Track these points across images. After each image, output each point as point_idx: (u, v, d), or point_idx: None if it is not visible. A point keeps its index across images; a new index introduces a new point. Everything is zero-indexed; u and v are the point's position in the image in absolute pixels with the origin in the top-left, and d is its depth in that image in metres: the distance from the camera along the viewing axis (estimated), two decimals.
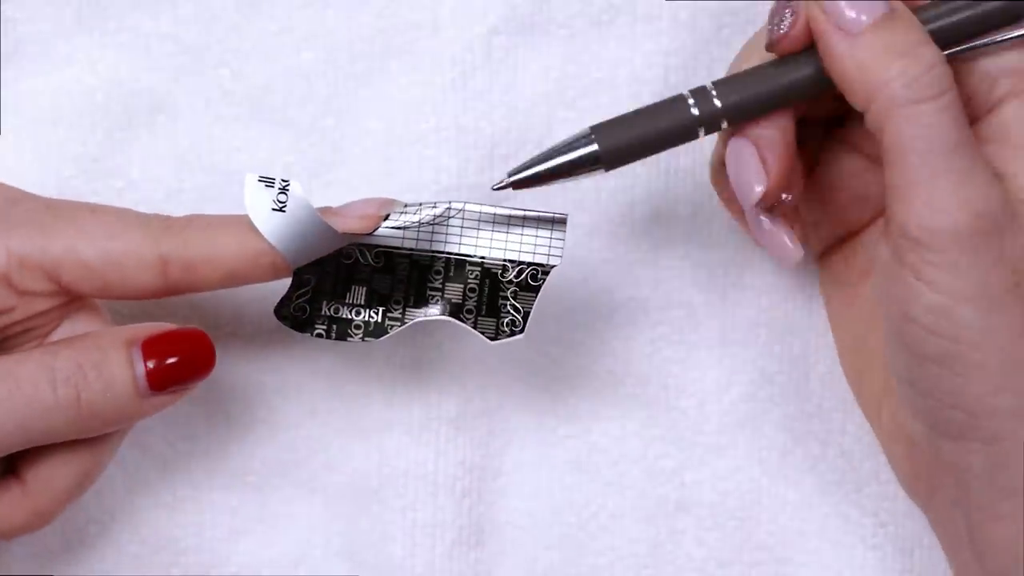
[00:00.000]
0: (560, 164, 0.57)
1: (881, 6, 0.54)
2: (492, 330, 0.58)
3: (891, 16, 0.54)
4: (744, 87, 0.56)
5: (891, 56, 0.53)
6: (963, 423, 0.54)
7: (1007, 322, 0.53)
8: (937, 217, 0.52)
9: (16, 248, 0.55)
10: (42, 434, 0.55)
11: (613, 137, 0.56)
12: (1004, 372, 0.53)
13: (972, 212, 0.52)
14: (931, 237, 0.53)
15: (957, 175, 0.53)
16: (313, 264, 0.57)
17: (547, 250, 0.58)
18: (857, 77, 0.54)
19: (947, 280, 0.53)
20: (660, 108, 0.57)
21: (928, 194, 0.53)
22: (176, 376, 0.56)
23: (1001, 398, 0.53)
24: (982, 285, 0.53)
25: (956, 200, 0.52)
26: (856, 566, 0.64)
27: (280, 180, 0.56)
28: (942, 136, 0.53)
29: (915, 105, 0.53)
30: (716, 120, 0.56)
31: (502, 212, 0.58)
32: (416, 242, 0.58)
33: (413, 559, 0.64)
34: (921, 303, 0.53)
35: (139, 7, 0.64)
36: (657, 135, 0.57)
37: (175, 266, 0.56)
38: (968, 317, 0.53)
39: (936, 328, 0.53)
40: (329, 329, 0.58)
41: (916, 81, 0.53)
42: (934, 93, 0.53)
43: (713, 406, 0.65)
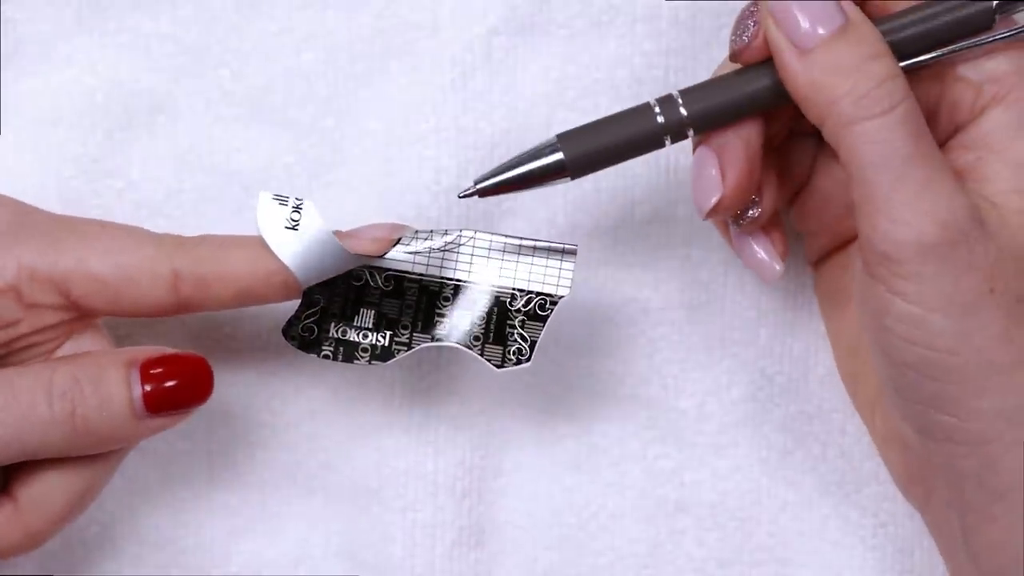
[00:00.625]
0: (526, 172, 0.57)
1: (835, 20, 0.54)
2: (498, 358, 0.58)
3: (844, 30, 0.54)
4: (710, 96, 0.56)
5: (841, 74, 0.53)
6: (949, 426, 0.54)
7: (982, 327, 0.53)
8: (900, 230, 0.53)
9: (27, 260, 0.55)
10: (35, 447, 0.55)
11: (579, 145, 0.57)
12: (983, 376, 0.53)
13: (934, 222, 0.52)
14: (896, 250, 0.53)
15: (916, 186, 0.53)
16: (323, 285, 0.57)
17: (556, 280, 0.58)
18: (809, 95, 0.54)
19: (917, 290, 0.53)
20: (626, 116, 0.57)
21: (888, 208, 0.53)
22: (173, 400, 0.56)
23: (984, 401, 0.53)
24: (953, 293, 0.53)
25: (916, 211, 0.52)
26: (856, 566, 0.64)
27: (294, 199, 0.56)
28: (896, 150, 0.53)
29: (866, 122, 0.53)
30: (682, 128, 0.56)
31: (512, 241, 0.58)
32: (426, 267, 0.58)
33: (413, 559, 0.64)
34: (894, 314, 0.53)
35: (139, 7, 0.64)
36: (623, 143, 0.57)
37: (187, 282, 0.56)
38: (941, 325, 0.53)
39: (911, 337, 0.53)
40: (336, 351, 0.58)
41: (866, 98, 0.53)
42: (885, 108, 0.53)
43: (713, 406, 0.65)
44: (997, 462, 0.54)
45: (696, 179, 0.57)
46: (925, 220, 0.52)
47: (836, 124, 0.53)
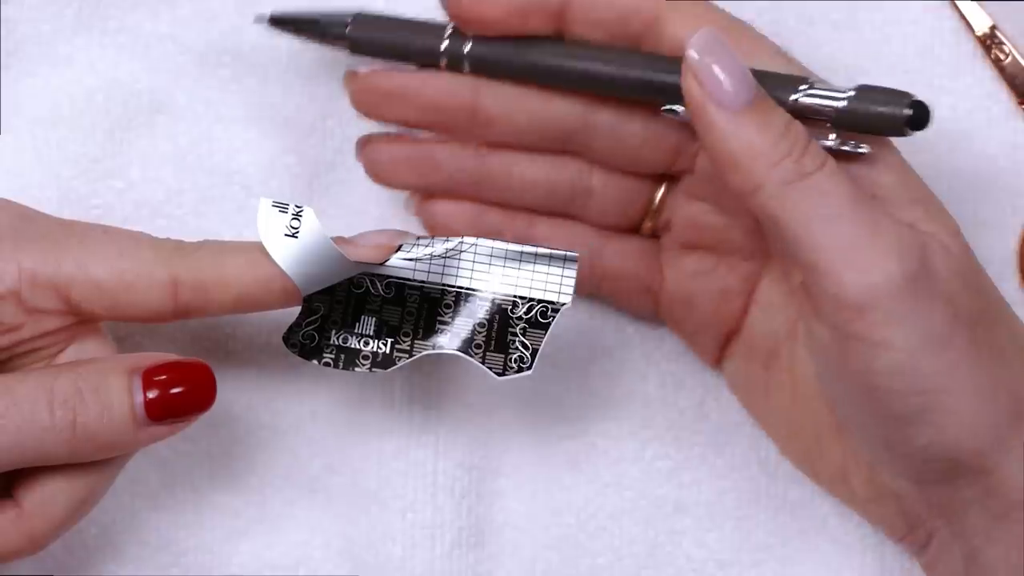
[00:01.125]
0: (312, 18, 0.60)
1: (752, 84, 0.54)
2: (500, 366, 0.58)
3: (760, 94, 0.54)
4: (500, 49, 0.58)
5: (774, 134, 0.53)
6: (949, 469, 0.54)
7: (959, 357, 0.53)
8: (868, 276, 0.53)
9: (28, 265, 0.55)
10: (36, 455, 0.55)
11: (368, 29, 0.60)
12: (972, 408, 0.53)
13: (897, 259, 0.53)
14: (870, 296, 0.53)
15: (869, 229, 0.53)
16: (323, 292, 0.57)
17: (558, 288, 0.58)
18: (745, 158, 0.53)
19: (899, 334, 0.53)
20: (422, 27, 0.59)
21: (850, 258, 0.53)
22: (175, 408, 0.55)
23: (980, 437, 0.54)
24: (930, 327, 0.53)
25: (878, 253, 0.53)
26: (855, 566, 0.64)
27: (294, 206, 0.56)
28: (840, 198, 0.53)
29: (809, 178, 0.53)
30: (458, 60, 0.59)
31: (514, 248, 0.58)
32: (427, 274, 0.58)
33: (412, 560, 0.64)
34: (881, 367, 0.53)
35: (139, 7, 0.64)
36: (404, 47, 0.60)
37: (186, 287, 0.56)
38: (929, 364, 0.53)
39: (903, 386, 0.53)
40: (337, 359, 0.58)
41: (803, 157, 0.53)
42: (821, 163, 0.53)
43: (712, 405, 0.65)
44: (997, 489, 0.54)
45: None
46: (889, 259, 0.52)
47: (778, 185, 0.53)
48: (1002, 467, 0.54)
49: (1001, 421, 0.54)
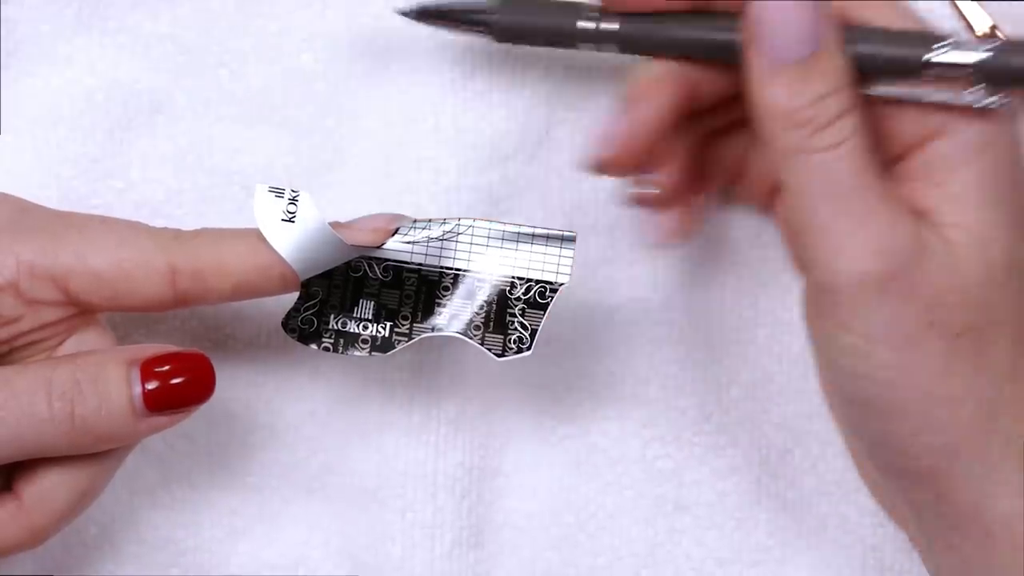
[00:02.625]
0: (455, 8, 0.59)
1: (809, 45, 0.53)
2: (499, 347, 0.58)
3: (815, 59, 0.53)
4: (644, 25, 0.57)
5: (799, 102, 0.53)
6: (898, 463, 0.55)
7: (923, 360, 0.53)
8: (839, 260, 0.53)
9: (26, 256, 0.55)
10: (35, 447, 0.55)
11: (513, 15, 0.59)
12: (926, 411, 0.53)
13: (873, 252, 0.53)
14: (836, 280, 0.53)
15: (856, 217, 0.53)
16: (321, 277, 0.57)
17: (555, 268, 0.58)
18: (765, 111, 0.54)
19: (858, 322, 0.53)
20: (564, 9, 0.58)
21: (828, 238, 0.53)
22: (174, 399, 0.55)
23: (927, 436, 0.54)
24: (894, 324, 0.53)
25: (856, 242, 0.53)
26: (855, 566, 0.64)
27: (290, 191, 0.56)
28: (839, 182, 0.53)
29: (812, 154, 0.53)
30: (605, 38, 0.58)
31: (511, 229, 0.58)
32: (425, 257, 0.58)
33: (412, 560, 0.64)
34: (838, 347, 0.54)
35: (139, 7, 0.64)
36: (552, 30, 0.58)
37: (184, 275, 0.56)
38: (883, 357, 0.53)
39: (855, 371, 0.54)
40: (336, 343, 0.58)
41: (816, 132, 0.53)
42: (833, 143, 0.53)
43: (712, 406, 0.65)
44: (948, 495, 0.54)
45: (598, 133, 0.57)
46: (864, 250, 0.53)
47: (784, 149, 0.54)
48: (954, 478, 0.54)
49: (959, 433, 0.54)
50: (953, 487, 0.54)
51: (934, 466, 0.54)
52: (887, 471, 0.56)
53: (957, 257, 0.54)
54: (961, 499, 0.54)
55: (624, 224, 0.64)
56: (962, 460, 0.54)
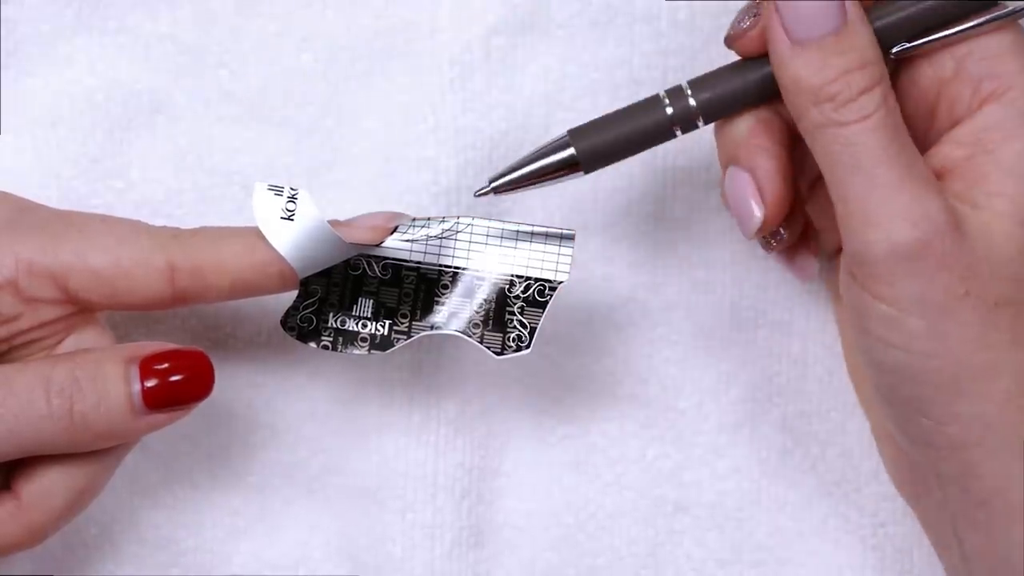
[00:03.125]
0: (540, 168, 0.57)
1: (833, 20, 0.54)
2: (498, 345, 0.58)
3: (839, 33, 0.54)
4: (718, 84, 0.57)
5: (825, 77, 0.53)
6: (929, 430, 0.54)
7: (957, 329, 0.53)
8: (872, 231, 0.53)
9: (25, 254, 0.55)
10: (34, 444, 0.55)
11: (590, 140, 0.57)
12: (959, 379, 0.53)
13: (906, 222, 0.53)
14: (869, 251, 0.53)
15: (887, 188, 0.53)
16: (320, 275, 0.57)
17: (555, 266, 0.58)
18: (791, 88, 0.54)
19: (892, 292, 0.53)
20: (636, 109, 0.57)
21: (861, 210, 0.53)
22: (172, 396, 0.56)
23: (960, 405, 0.53)
24: (926, 294, 0.53)
25: (888, 213, 0.53)
26: (856, 566, 0.64)
27: (289, 189, 0.56)
28: (868, 154, 0.53)
29: (840, 128, 0.53)
30: (691, 118, 0.57)
31: (510, 227, 0.58)
32: (424, 255, 0.58)
33: (412, 560, 0.64)
34: (872, 315, 0.54)
35: (138, 7, 0.64)
36: (634, 136, 0.57)
37: (183, 273, 0.56)
38: (917, 326, 0.53)
39: (889, 339, 0.54)
40: (335, 341, 0.58)
41: (843, 106, 0.53)
42: (860, 116, 0.53)
43: (712, 406, 0.65)
44: (977, 467, 0.54)
45: (733, 201, 0.57)
46: (897, 221, 0.53)
47: (811, 124, 0.54)
48: (985, 450, 0.54)
49: (993, 405, 0.53)
50: (982, 460, 0.54)
51: (964, 436, 0.54)
52: (915, 440, 0.55)
53: (993, 229, 0.54)
54: (989, 472, 0.54)
55: (623, 224, 0.64)
56: (995, 433, 0.53)
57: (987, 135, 0.55)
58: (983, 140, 0.55)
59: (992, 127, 0.55)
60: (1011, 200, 0.54)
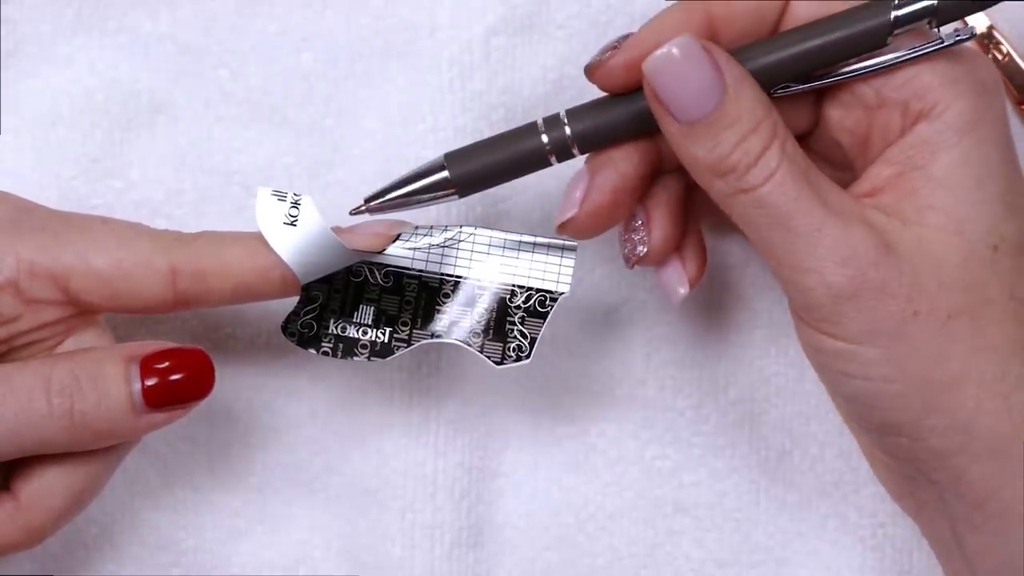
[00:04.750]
0: (414, 190, 0.57)
1: (713, 95, 0.53)
2: (498, 355, 0.58)
3: (722, 106, 0.53)
4: (596, 115, 0.56)
5: (720, 152, 0.53)
6: (909, 447, 0.54)
7: (912, 351, 0.53)
8: (805, 279, 0.53)
9: (26, 255, 0.55)
10: (34, 443, 0.55)
11: (465, 164, 0.57)
12: (925, 396, 0.53)
13: (835, 265, 0.53)
14: (808, 298, 0.53)
15: (808, 238, 0.53)
16: (322, 281, 0.57)
17: (556, 277, 0.58)
18: (692, 167, 0.54)
19: (841, 329, 0.53)
20: (513, 135, 0.57)
21: (789, 263, 0.53)
22: (173, 395, 0.56)
23: (932, 420, 0.53)
24: (875, 324, 0.53)
25: (815, 258, 0.53)
26: (855, 567, 0.64)
27: (292, 194, 0.56)
28: (781, 208, 0.53)
29: (746, 194, 0.53)
30: (567, 147, 0.56)
31: (512, 237, 0.58)
32: (426, 263, 0.58)
33: (412, 560, 0.64)
34: (827, 351, 0.54)
35: (138, 7, 0.64)
36: (509, 162, 0.57)
37: (184, 276, 0.56)
38: (872, 355, 0.53)
39: (847, 371, 0.54)
40: (335, 348, 0.58)
41: (748, 173, 0.53)
42: (765, 177, 0.53)
43: (711, 407, 0.65)
44: (967, 472, 0.54)
45: (563, 194, 0.57)
46: (826, 265, 0.53)
47: (720, 195, 0.54)
48: (970, 457, 0.54)
49: (966, 414, 0.53)
50: (969, 465, 0.54)
51: (945, 446, 0.54)
52: (901, 458, 0.55)
53: (929, 242, 0.54)
54: (979, 476, 0.54)
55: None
56: (975, 438, 0.53)
57: (916, 151, 0.55)
58: (913, 157, 0.55)
59: (921, 143, 0.55)
60: (944, 212, 0.54)
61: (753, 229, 0.54)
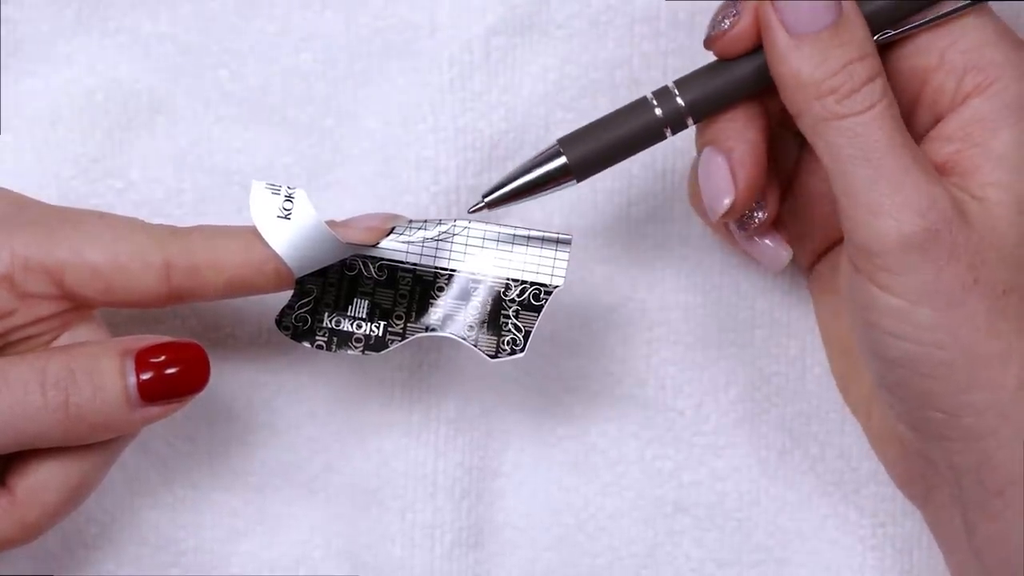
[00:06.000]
0: (532, 180, 0.57)
1: (829, 14, 0.54)
2: (492, 348, 0.58)
3: (836, 26, 0.54)
4: (705, 83, 0.57)
5: (825, 70, 0.53)
6: (941, 423, 0.54)
7: (967, 319, 0.53)
8: (880, 222, 0.53)
9: (21, 250, 0.55)
10: (29, 437, 0.55)
11: (581, 147, 0.57)
12: (971, 369, 0.53)
13: (914, 212, 0.53)
14: (877, 243, 0.53)
15: (893, 179, 0.53)
16: (316, 275, 0.57)
17: (551, 270, 0.58)
18: (790, 84, 0.54)
19: (901, 283, 0.53)
20: (624, 113, 0.57)
21: (867, 201, 0.53)
22: (168, 388, 0.56)
23: (973, 395, 0.53)
24: (936, 284, 0.53)
25: (895, 203, 0.53)
26: (855, 567, 0.64)
27: (286, 188, 0.56)
28: (873, 145, 0.53)
29: (844, 120, 0.53)
30: (681, 118, 0.57)
31: (507, 231, 0.58)
32: (420, 257, 0.58)
33: (412, 560, 0.64)
34: (880, 308, 0.54)
35: (138, 7, 0.64)
36: (624, 140, 0.57)
37: (179, 270, 0.56)
38: (927, 317, 0.53)
39: (898, 332, 0.54)
40: (330, 341, 0.58)
41: (846, 98, 0.53)
42: (864, 107, 0.53)
43: (711, 407, 0.65)
44: (993, 457, 0.54)
45: (706, 181, 0.57)
46: (904, 211, 0.53)
47: (814, 119, 0.54)
48: (999, 439, 0.54)
49: (1006, 392, 0.53)
50: (997, 449, 0.54)
51: (979, 426, 0.54)
52: (929, 435, 0.55)
53: (994, 216, 0.54)
54: (1005, 461, 0.54)
55: (622, 225, 0.64)
56: (1008, 421, 0.54)
57: (974, 128, 0.55)
58: (971, 134, 0.55)
59: (978, 120, 0.55)
60: (1007, 189, 0.54)
61: (838, 161, 0.54)
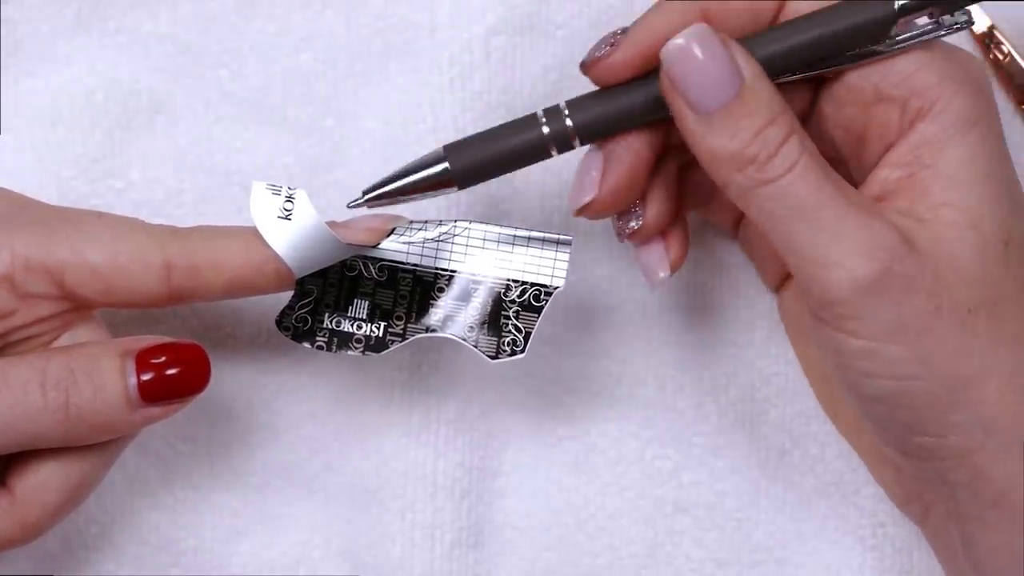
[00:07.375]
0: (413, 182, 0.57)
1: (731, 86, 0.53)
2: (493, 349, 0.58)
3: (740, 96, 0.53)
4: (597, 106, 0.56)
5: (740, 141, 0.53)
6: (930, 445, 0.54)
7: (938, 346, 0.53)
8: (830, 274, 0.53)
9: (21, 250, 0.55)
10: (29, 437, 0.55)
11: (465, 156, 0.57)
12: (951, 393, 0.53)
13: (861, 257, 0.52)
14: (833, 293, 0.53)
15: (833, 230, 0.53)
16: (316, 275, 0.57)
17: (551, 271, 0.58)
18: (710, 161, 0.54)
19: (864, 326, 0.53)
20: (514, 126, 0.57)
21: (813, 256, 0.53)
22: (169, 389, 0.56)
23: (957, 415, 0.53)
24: (900, 319, 0.53)
25: (841, 252, 0.53)
26: (855, 567, 0.64)
27: (287, 188, 0.56)
28: (803, 201, 0.53)
29: (768, 185, 0.53)
30: (567, 139, 0.56)
31: (507, 232, 0.58)
32: (420, 258, 0.58)
33: (412, 560, 0.64)
34: (850, 351, 0.54)
35: (138, 7, 0.64)
36: (508, 154, 0.57)
37: (179, 271, 0.56)
38: (897, 353, 0.53)
39: (871, 371, 0.54)
40: (330, 342, 0.58)
41: (767, 164, 0.53)
42: (785, 168, 0.53)
43: (711, 407, 0.65)
44: (985, 471, 0.54)
45: (576, 177, 0.57)
46: (851, 257, 0.53)
47: (739, 189, 0.53)
48: (989, 453, 0.54)
49: (988, 409, 0.53)
50: (988, 462, 0.54)
51: (966, 444, 0.54)
52: (918, 457, 0.55)
53: (947, 237, 0.54)
54: (997, 474, 0.54)
55: None
56: (995, 435, 0.54)
57: (923, 151, 0.55)
58: (920, 156, 0.55)
59: (926, 143, 0.55)
60: (957, 207, 0.54)
61: (774, 224, 0.53)
